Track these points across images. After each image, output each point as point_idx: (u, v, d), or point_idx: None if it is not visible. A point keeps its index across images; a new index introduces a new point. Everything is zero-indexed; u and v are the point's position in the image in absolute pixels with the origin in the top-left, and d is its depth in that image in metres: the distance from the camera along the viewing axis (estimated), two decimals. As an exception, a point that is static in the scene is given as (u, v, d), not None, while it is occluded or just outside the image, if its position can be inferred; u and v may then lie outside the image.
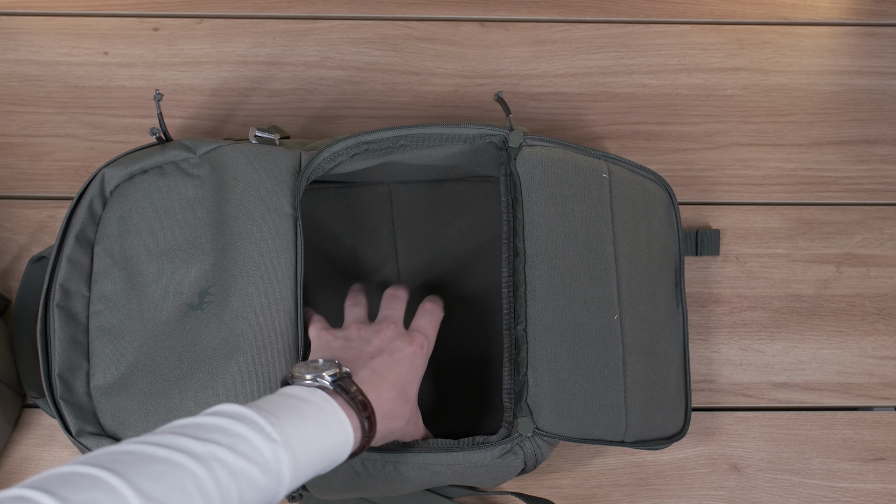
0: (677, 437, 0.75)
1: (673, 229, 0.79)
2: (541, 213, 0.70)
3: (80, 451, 0.69)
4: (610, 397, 0.69)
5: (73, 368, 0.68)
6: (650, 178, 0.78)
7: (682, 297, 0.78)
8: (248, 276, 0.69)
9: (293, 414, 0.54)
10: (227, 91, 0.89)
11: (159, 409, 0.68)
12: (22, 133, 0.88)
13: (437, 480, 0.69)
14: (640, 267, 0.74)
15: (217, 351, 0.68)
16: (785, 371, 0.84)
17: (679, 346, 0.78)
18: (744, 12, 0.94)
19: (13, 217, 0.85)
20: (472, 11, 0.93)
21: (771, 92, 0.91)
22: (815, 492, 0.81)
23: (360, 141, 0.73)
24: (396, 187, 0.84)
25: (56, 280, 0.69)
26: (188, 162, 0.72)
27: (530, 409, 0.66)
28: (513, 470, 0.69)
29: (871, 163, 0.90)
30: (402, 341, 0.66)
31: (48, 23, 0.91)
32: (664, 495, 0.81)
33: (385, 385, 0.62)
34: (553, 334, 0.68)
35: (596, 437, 0.69)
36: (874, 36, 0.93)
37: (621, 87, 0.91)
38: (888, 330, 0.85)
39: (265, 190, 0.71)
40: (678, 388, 0.76)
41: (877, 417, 0.83)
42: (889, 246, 0.87)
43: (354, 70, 0.91)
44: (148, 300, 0.69)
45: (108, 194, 0.72)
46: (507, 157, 0.72)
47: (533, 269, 0.69)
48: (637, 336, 0.72)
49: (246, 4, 0.92)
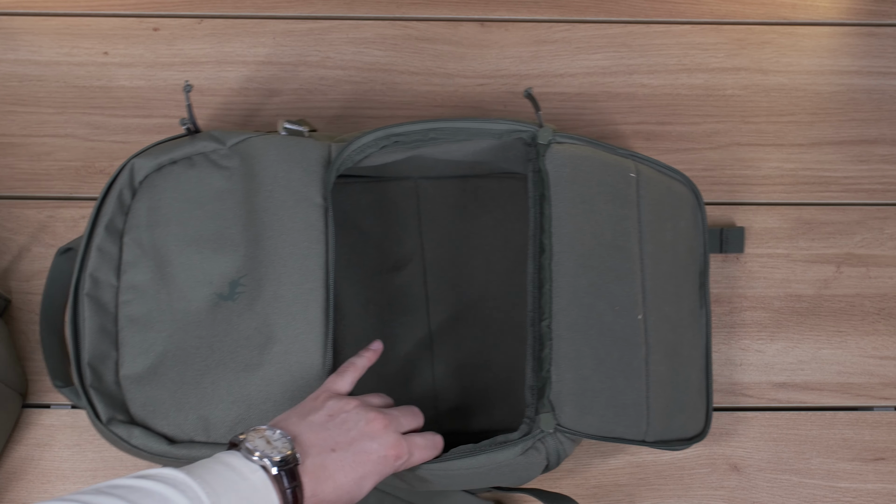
0: (698, 439, 0.74)
1: (699, 230, 0.79)
2: (568, 210, 0.70)
3: (109, 440, 0.69)
4: (632, 396, 0.69)
5: (103, 357, 0.69)
6: (677, 178, 0.78)
7: (707, 299, 0.78)
8: (280, 266, 0.69)
9: (232, 492, 0.53)
10: (226, 91, 0.89)
11: (190, 399, 0.68)
12: (22, 133, 0.88)
13: (461, 484, 0.69)
14: (665, 267, 0.74)
15: (249, 341, 0.68)
16: (785, 371, 0.84)
17: (702, 348, 0.77)
18: (744, 12, 0.94)
19: (13, 217, 0.85)
20: (472, 11, 0.93)
21: (771, 92, 0.91)
22: (815, 492, 0.81)
23: (389, 133, 0.73)
24: (423, 182, 0.84)
25: (86, 270, 0.70)
26: (217, 153, 0.73)
27: (552, 406, 0.66)
28: (536, 467, 0.68)
29: (871, 163, 0.90)
30: (381, 443, 0.62)
31: (48, 23, 0.91)
32: (664, 495, 0.81)
33: (328, 484, 0.59)
34: (577, 331, 0.68)
35: (617, 435, 0.68)
36: (874, 36, 0.93)
37: (621, 87, 0.91)
38: (888, 330, 0.85)
39: (295, 180, 0.71)
40: (700, 389, 0.76)
41: (877, 417, 0.83)
42: (889, 246, 0.87)
43: (354, 70, 0.91)
44: (177, 290, 0.70)
45: (138, 185, 0.72)
46: (535, 153, 0.72)
47: (559, 265, 0.69)
48: (660, 336, 0.72)
49: (246, 4, 0.92)
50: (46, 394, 0.81)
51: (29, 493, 0.78)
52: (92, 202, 0.86)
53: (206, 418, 0.67)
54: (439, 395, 0.81)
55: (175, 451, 0.67)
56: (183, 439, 0.67)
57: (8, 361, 0.77)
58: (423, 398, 0.81)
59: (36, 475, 0.79)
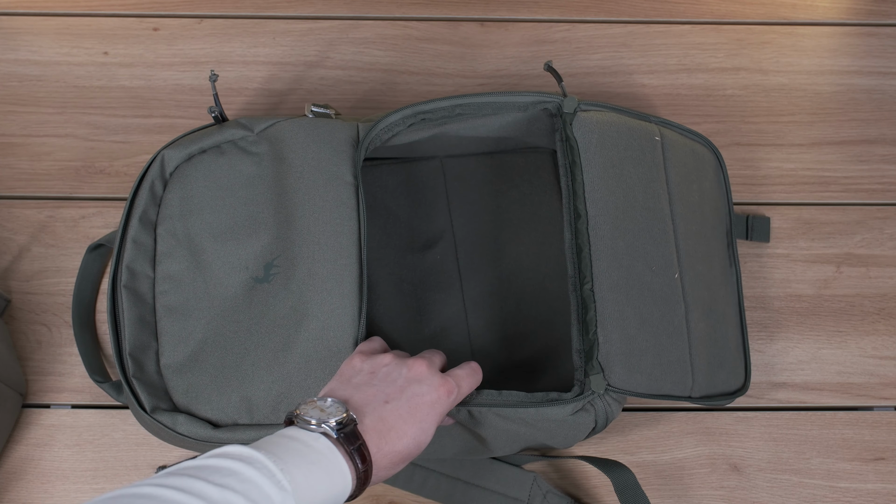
0: (740, 393, 0.76)
1: (722, 190, 0.80)
2: (600, 175, 0.71)
3: (152, 429, 0.70)
4: (676, 353, 0.70)
5: (143, 348, 0.70)
6: (699, 140, 0.80)
7: (735, 257, 0.80)
8: (313, 244, 0.70)
9: (299, 460, 0.53)
10: (226, 91, 0.89)
11: (232, 382, 0.69)
12: (22, 133, 0.88)
13: (509, 440, 0.70)
14: (695, 227, 0.75)
15: (286, 320, 0.69)
16: (785, 371, 0.84)
17: (735, 305, 0.79)
18: (744, 12, 0.94)
19: (13, 217, 0.85)
20: (472, 11, 0.93)
21: (771, 92, 0.91)
22: (815, 492, 0.81)
23: (416, 111, 0.74)
24: (449, 161, 0.85)
25: (122, 262, 0.71)
26: (246, 140, 0.74)
27: (601, 367, 0.67)
28: (584, 428, 0.69)
29: (871, 163, 0.90)
30: (429, 384, 0.62)
31: (48, 23, 0.91)
32: (664, 495, 0.81)
33: (392, 435, 0.59)
34: (620, 293, 0.69)
35: (665, 392, 0.69)
36: (874, 36, 0.93)
37: (621, 87, 0.91)
38: (888, 330, 0.85)
39: (325, 160, 0.72)
40: (737, 345, 0.77)
41: (877, 417, 0.83)
42: (889, 246, 0.87)
43: (354, 70, 0.91)
44: (213, 277, 0.71)
45: (169, 175, 0.73)
46: (562, 122, 0.73)
47: (596, 230, 0.70)
48: (697, 294, 0.73)
49: (246, 4, 0.92)
50: (46, 394, 0.81)
51: (29, 492, 0.78)
52: (92, 202, 0.86)
53: (249, 399, 0.68)
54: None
55: (220, 436, 0.67)
56: (227, 423, 0.68)
57: (8, 361, 0.77)
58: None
59: (36, 475, 0.79)
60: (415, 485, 0.79)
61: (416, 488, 0.79)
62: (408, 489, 0.79)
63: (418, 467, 0.78)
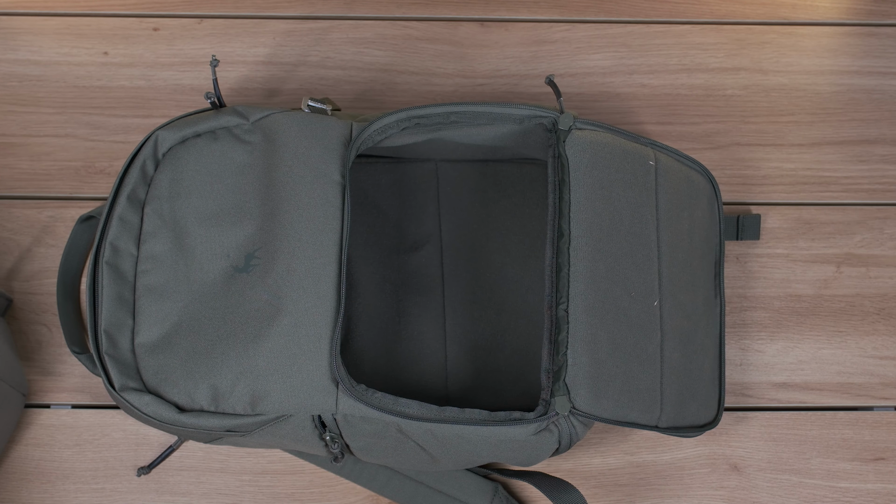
0: (709, 426, 0.75)
1: (715, 220, 0.80)
2: (587, 195, 0.71)
3: (122, 406, 0.70)
4: (646, 382, 0.70)
5: (119, 325, 0.70)
6: (695, 168, 0.79)
7: (721, 289, 0.79)
8: (295, 240, 0.70)
9: None
10: (226, 91, 0.89)
11: (200, 368, 0.69)
12: (22, 133, 0.88)
13: (472, 457, 0.70)
14: (681, 255, 0.75)
15: (260, 313, 0.69)
16: (785, 371, 0.84)
17: (715, 337, 0.78)
18: (744, 12, 0.94)
19: (13, 217, 0.85)
20: (472, 11, 0.93)
21: (771, 92, 0.91)
22: (815, 492, 0.81)
23: (411, 115, 0.74)
24: (444, 165, 0.85)
25: (107, 237, 0.71)
26: (241, 128, 0.74)
27: (568, 389, 0.67)
28: (547, 449, 0.69)
29: (871, 163, 0.90)
30: None
31: (48, 23, 0.91)
32: (664, 495, 0.81)
33: None
34: (594, 315, 0.68)
35: (631, 420, 0.69)
36: (874, 36, 0.93)
37: (621, 87, 0.91)
38: (888, 330, 0.85)
39: (315, 157, 0.72)
40: (713, 377, 0.77)
41: (877, 417, 0.83)
42: (889, 246, 0.87)
43: (354, 70, 0.91)
44: (195, 262, 0.71)
45: (161, 156, 0.74)
46: (556, 139, 0.73)
47: (577, 250, 0.69)
48: (675, 323, 0.73)
49: (246, 4, 0.92)
50: (46, 394, 0.81)
51: (29, 492, 0.78)
52: (93, 202, 0.86)
53: (215, 387, 0.68)
54: (450, 375, 0.82)
55: (184, 420, 0.68)
56: (193, 408, 0.68)
57: (10, 361, 0.77)
58: (434, 378, 0.82)
59: (36, 475, 0.79)
60: (378, 484, 0.78)
61: (378, 487, 0.78)
62: (371, 488, 0.78)
63: (382, 467, 0.78)
